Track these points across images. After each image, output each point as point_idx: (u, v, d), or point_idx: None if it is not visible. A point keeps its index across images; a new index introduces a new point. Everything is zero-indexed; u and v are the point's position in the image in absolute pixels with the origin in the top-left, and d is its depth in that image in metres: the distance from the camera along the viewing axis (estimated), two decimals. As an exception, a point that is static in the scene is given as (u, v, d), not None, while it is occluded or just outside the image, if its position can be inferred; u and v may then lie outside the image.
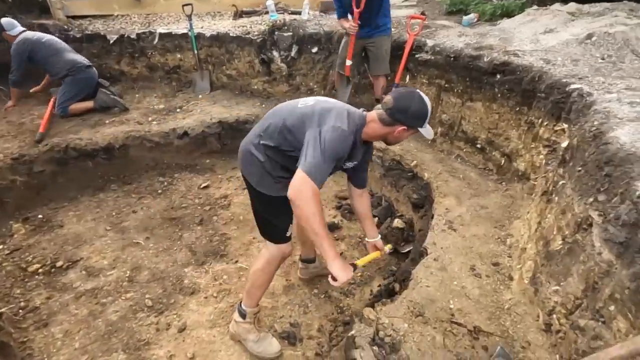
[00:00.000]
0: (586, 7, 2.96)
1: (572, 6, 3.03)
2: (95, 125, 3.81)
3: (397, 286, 2.10)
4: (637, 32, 2.54)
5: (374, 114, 1.61)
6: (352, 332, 1.64)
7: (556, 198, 1.73)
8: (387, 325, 1.67)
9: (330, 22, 4.38)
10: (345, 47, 3.50)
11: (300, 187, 1.36)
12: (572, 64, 2.47)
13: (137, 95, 4.62)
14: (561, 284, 1.49)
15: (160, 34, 4.71)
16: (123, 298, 2.36)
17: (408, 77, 3.60)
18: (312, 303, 2.42)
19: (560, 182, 1.72)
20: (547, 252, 1.65)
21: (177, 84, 4.86)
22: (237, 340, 2.07)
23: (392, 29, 3.58)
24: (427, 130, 1.62)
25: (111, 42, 4.65)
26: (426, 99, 1.59)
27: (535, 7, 3.48)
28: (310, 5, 4.76)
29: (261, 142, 1.66)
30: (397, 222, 2.90)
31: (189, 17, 4.41)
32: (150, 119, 4.02)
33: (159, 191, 3.50)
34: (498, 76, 2.75)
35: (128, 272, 2.56)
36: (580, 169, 1.56)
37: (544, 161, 2.29)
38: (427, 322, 1.70)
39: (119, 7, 5.06)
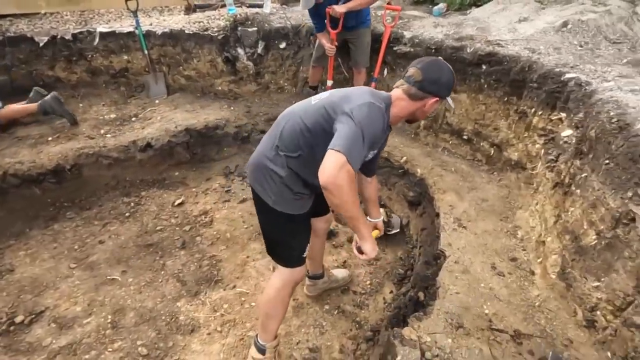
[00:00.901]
0: (553, -3, 3.08)
1: (539, -6, 3.15)
2: (36, 144, 3.24)
3: (421, 295, 2.01)
4: (606, 19, 2.66)
5: (399, 92, 1.45)
6: (398, 359, 1.51)
7: (578, 191, 1.73)
8: (430, 344, 1.56)
9: (295, 15, 4.15)
10: (322, 46, 3.32)
11: (336, 173, 1.17)
12: (556, 52, 2.53)
13: (81, 105, 4.02)
14: (602, 279, 1.48)
15: (101, 34, 4.12)
16: (110, 350, 2.01)
17: (386, 70, 3.51)
18: (326, 321, 2.26)
19: (582, 175, 1.72)
20: (578, 246, 1.64)
21: (127, 89, 4.32)
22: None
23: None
24: (451, 100, 1.53)
25: (41, 44, 3.98)
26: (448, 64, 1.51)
27: (502, -5, 3.56)
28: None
29: (280, 152, 1.45)
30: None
31: (134, 13, 3.90)
32: (102, 131, 3.51)
33: (127, 214, 3.07)
34: (484, 67, 2.75)
35: (109, 316, 2.19)
36: (608, 162, 1.55)
37: (542, 150, 2.32)
38: (469, 334, 1.63)
39: (47, 4, 4.36)
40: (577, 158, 1.81)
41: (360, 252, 1.53)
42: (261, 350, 1.79)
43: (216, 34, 3.93)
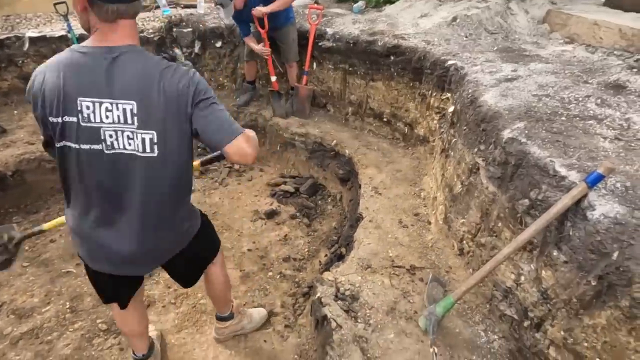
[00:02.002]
0: (448, -5, 3.61)
1: (437, -7, 3.67)
2: (-28, 153, 3.25)
3: (343, 250, 2.43)
4: (486, 14, 3.22)
5: None
6: (318, 294, 1.90)
7: (452, 153, 2.22)
8: (344, 282, 1.97)
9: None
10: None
11: (252, 150, 1.18)
12: (446, 43, 3.03)
13: (15, 112, 4.00)
14: (465, 216, 1.96)
15: (31, 38, 4.10)
16: (71, 330, 2.22)
17: (315, 64, 3.88)
18: (270, 285, 2.61)
19: (453, 140, 2.20)
20: (452, 195, 2.12)
21: (65, 93, 4.32)
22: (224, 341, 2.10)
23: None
24: None
25: (-35, 52, 3.89)
26: None
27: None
28: (204, -2, 4.65)
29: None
30: (287, 187, 3.22)
31: (65, 17, 3.93)
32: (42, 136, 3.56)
33: (76, 214, 3.20)
34: (392, 58, 3.20)
35: (67, 303, 2.39)
36: (465, 128, 2.04)
37: (437, 125, 2.81)
38: (375, 272, 2.05)
39: (-34, 9, 4.22)
40: (451, 128, 2.30)
41: None
42: (227, 318, 2.04)
43: (152, 36, 4.08)
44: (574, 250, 1.27)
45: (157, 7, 4.55)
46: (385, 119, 3.54)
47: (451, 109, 2.56)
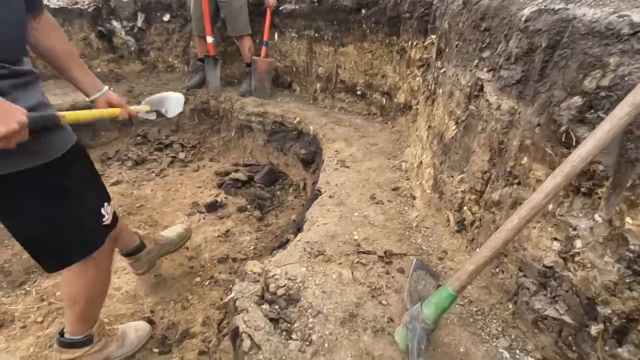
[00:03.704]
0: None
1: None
2: None
3: (291, 237, 1.69)
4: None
5: None
6: (232, 294, 1.15)
7: (440, 91, 1.56)
8: (279, 276, 1.23)
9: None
10: (198, 7, 3.00)
11: None
12: (428, -12, 2.46)
13: None
14: (465, 169, 1.28)
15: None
16: None
17: (276, 33, 3.29)
18: (194, 294, 1.84)
19: (441, 71, 1.55)
20: (443, 145, 1.45)
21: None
22: None
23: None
24: None
25: None
26: None
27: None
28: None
29: None
30: (238, 175, 2.50)
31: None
32: None
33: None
34: (363, 11, 2.62)
35: None
36: (458, 42, 1.39)
37: (420, 80, 2.18)
38: (329, 260, 1.32)
39: None
40: (438, 60, 1.66)
41: None
42: (84, 343, 1.29)
43: (86, 7, 3.47)
44: None
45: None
46: (359, 92, 2.91)
47: (436, 36, 1.93)
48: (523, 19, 0.99)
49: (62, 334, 1.28)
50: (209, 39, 3.03)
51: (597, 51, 0.79)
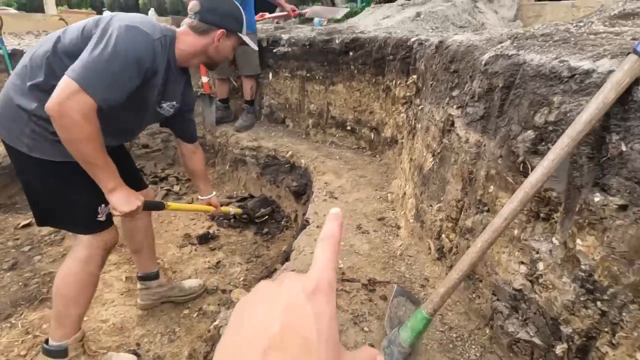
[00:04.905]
0: (412, 1, 3.39)
1: (401, 1, 3.45)
2: None
3: (279, 266, 1.72)
4: (452, 10, 2.93)
5: (184, 27, 1.34)
6: (216, 322, 1.17)
7: (419, 125, 1.67)
8: (264, 303, 1.25)
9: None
10: None
11: (63, 100, 1.00)
12: (410, 33, 2.66)
13: None
14: (442, 198, 1.35)
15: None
16: None
17: (271, 74, 3.48)
18: (181, 327, 1.83)
19: (419, 108, 1.66)
20: (422, 177, 1.53)
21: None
22: None
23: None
24: (249, 40, 1.43)
25: None
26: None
27: (372, 5, 3.87)
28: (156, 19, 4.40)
29: (28, 82, 1.16)
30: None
31: (-3, 32, 3.57)
32: None
33: (-54, 242, 2.44)
34: (351, 53, 2.80)
35: None
36: (432, 82, 1.51)
37: (404, 116, 2.31)
38: (314, 288, 1.35)
39: None
40: (417, 97, 1.78)
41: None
42: (58, 353, 1.32)
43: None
44: (635, 177, 0.66)
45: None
46: (348, 127, 3.04)
47: (414, 77, 2.07)
48: (483, 62, 1.11)
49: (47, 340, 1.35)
50: (204, 79, 3.21)
51: (544, 91, 0.89)
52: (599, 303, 0.74)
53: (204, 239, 2.53)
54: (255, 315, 0.24)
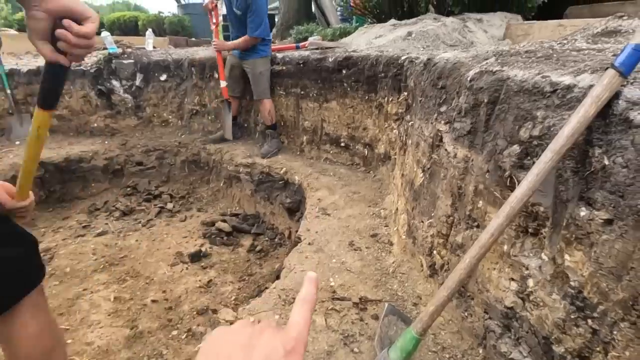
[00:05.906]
0: (404, 22, 3.47)
1: (392, 21, 3.52)
2: None
3: (270, 285, 1.68)
4: (442, 30, 3.00)
5: None
6: (202, 344, 1.13)
7: (409, 141, 1.67)
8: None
9: (180, 51, 4.15)
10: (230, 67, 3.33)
11: None
12: (401, 51, 2.71)
13: None
14: (432, 214, 1.33)
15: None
16: None
17: (265, 91, 3.51)
18: (169, 349, 1.77)
19: (409, 124, 1.67)
20: (413, 192, 1.52)
21: (-16, 131, 3.78)
22: None
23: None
24: None
25: None
26: None
27: (365, 25, 3.94)
28: (155, 42, 4.48)
29: None
30: (223, 225, 2.51)
31: (-5, 51, 3.62)
32: None
33: None
34: (344, 71, 2.84)
35: None
36: (421, 98, 1.52)
37: (397, 132, 2.32)
38: (304, 307, 1.32)
39: None
40: (407, 114, 1.79)
41: None
42: None
43: (89, 68, 3.72)
44: (618, 191, 0.65)
45: (104, 47, 4.30)
46: (342, 144, 3.05)
47: (405, 93, 2.09)
48: (469, 78, 1.12)
49: None
50: (223, 84, 3.32)
51: (527, 106, 0.90)
52: (589, 321, 0.72)
53: (196, 257, 2.49)
54: None
